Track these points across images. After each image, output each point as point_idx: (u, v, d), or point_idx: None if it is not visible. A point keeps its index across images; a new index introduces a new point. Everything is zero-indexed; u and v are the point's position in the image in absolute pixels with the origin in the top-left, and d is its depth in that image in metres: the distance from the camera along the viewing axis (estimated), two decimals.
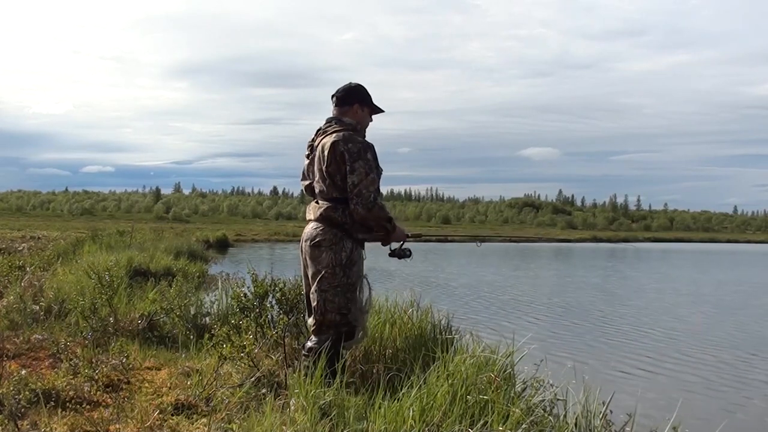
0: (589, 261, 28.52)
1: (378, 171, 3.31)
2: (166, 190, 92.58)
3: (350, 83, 3.51)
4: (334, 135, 3.32)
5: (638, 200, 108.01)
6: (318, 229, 3.31)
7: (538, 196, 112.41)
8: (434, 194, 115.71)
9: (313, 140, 3.49)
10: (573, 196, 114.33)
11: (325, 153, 3.29)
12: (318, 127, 3.51)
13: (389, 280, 14.34)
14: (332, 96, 3.49)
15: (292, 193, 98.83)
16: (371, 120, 3.56)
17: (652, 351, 7.94)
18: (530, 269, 22.52)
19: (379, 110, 3.56)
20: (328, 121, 3.47)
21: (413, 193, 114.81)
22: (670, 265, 26.81)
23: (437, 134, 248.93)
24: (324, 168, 3.31)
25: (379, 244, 3.46)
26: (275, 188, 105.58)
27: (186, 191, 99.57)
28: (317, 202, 3.40)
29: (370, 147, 3.32)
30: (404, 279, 15.26)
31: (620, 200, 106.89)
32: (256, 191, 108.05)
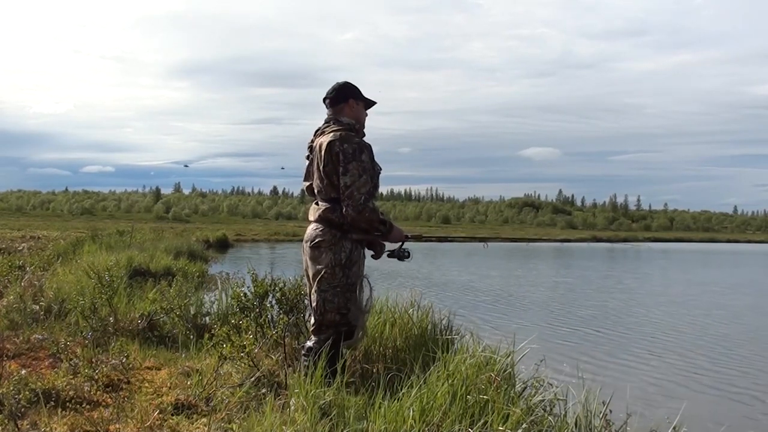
0: (572, 261, 28.28)
1: (374, 171, 3.31)
2: (166, 190, 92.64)
3: (338, 82, 3.51)
4: (330, 135, 3.32)
5: (638, 200, 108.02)
6: (318, 230, 3.32)
7: (538, 196, 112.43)
8: (434, 194, 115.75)
9: (312, 141, 3.49)
10: (573, 196, 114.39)
11: (322, 153, 3.29)
12: (317, 128, 3.51)
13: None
14: (324, 99, 3.49)
15: (292, 193, 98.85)
16: (366, 114, 3.56)
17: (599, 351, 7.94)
18: (510, 269, 22.20)
19: (372, 103, 3.55)
20: (326, 121, 3.47)
21: (413, 193, 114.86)
22: (654, 266, 26.53)
23: (438, 134, 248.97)
24: (321, 168, 3.31)
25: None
26: (275, 188, 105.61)
27: (186, 191, 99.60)
28: (317, 203, 3.41)
29: (366, 147, 3.31)
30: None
31: (620, 200, 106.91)
32: (256, 191, 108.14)
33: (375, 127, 3.59)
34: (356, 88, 3.50)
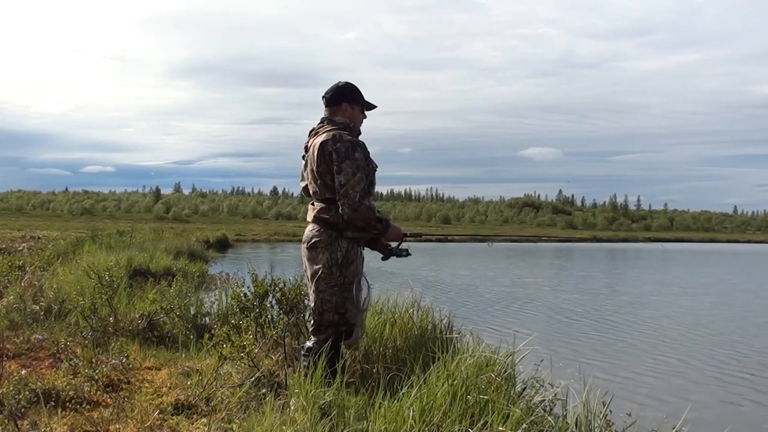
0: (558, 261, 28.15)
1: (369, 169, 3.29)
2: (166, 190, 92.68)
3: (338, 83, 3.49)
4: (324, 135, 3.31)
5: (638, 200, 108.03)
6: (314, 231, 3.33)
7: (538, 196, 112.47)
8: (434, 194, 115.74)
9: (307, 142, 3.49)
10: (573, 196, 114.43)
11: (315, 153, 3.28)
12: (311, 128, 3.51)
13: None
14: (322, 97, 3.49)
15: (292, 193, 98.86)
16: (365, 116, 3.54)
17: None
18: (491, 268, 22.05)
19: (371, 106, 3.53)
20: (321, 121, 3.46)
21: (413, 193, 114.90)
22: (640, 266, 26.41)
23: (439, 134, 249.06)
24: (315, 168, 3.31)
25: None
26: (275, 188, 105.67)
27: (186, 191, 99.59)
28: (313, 204, 3.41)
29: (359, 145, 3.30)
30: None
31: (620, 200, 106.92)
32: (256, 191, 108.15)
33: (376, 127, 3.59)
34: (355, 90, 3.47)
